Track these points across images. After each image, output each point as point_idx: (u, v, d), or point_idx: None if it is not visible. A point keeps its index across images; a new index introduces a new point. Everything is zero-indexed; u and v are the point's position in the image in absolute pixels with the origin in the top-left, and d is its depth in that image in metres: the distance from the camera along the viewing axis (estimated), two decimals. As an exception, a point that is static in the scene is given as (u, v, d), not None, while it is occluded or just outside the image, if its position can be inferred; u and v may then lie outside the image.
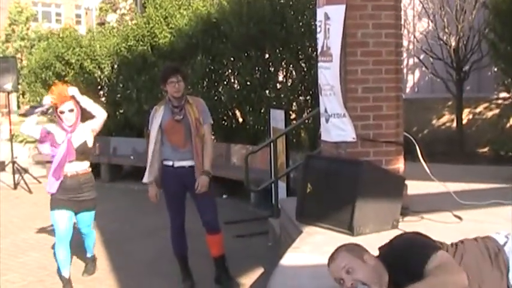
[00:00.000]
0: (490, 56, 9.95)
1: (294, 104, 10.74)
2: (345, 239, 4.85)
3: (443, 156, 9.43)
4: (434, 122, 11.82)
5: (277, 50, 10.81)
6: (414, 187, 5.90)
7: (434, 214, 5.62)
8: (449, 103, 11.50)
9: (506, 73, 9.22)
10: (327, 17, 5.60)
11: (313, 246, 4.69)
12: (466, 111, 11.33)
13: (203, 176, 5.54)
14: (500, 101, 11.37)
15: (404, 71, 11.81)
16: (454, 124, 11.28)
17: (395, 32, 5.75)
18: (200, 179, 5.54)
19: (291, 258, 4.43)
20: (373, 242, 4.78)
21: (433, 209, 5.75)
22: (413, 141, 5.78)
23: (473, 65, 10.73)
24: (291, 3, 10.74)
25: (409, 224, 5.27)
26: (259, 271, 6.14)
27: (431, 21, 11.09)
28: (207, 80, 11.38)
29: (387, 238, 4.85)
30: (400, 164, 5.74)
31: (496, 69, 10.91)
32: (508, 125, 11.27)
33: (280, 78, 11.04)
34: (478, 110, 11.59)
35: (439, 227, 5.30)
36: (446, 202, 5.91)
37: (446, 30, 10.79)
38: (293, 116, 10.42)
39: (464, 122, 11.19)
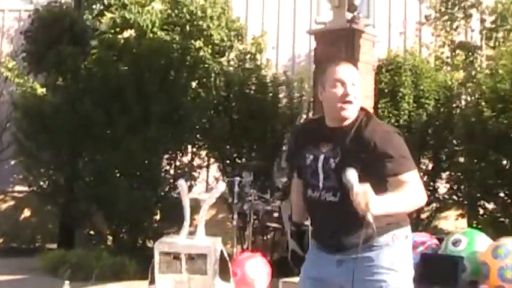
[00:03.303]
0: (13, 150, 10.61)
1: None
2: None
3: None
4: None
5: None
6: None
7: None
8: None
9: (27, 167, 10.01)
10: None
11: None
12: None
13: None
14: (16, 194, 12.06)
15: None
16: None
17: None
18: None
19: None
20: None
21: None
22: None
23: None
24: None
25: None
26: None
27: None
28: None
29: None
30: None
31: (13, 162, 11.60)
32: (23, 216, 11.99)
33: None
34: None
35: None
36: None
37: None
38: None
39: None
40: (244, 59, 10.50)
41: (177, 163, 9.56)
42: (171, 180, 9.38)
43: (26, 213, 12.03)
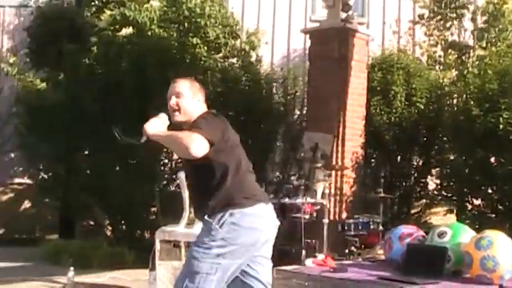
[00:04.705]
0: (14, 143, 10.96)
1: None
2: None
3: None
4: None
5: None
6: None
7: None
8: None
9: (29, 160, 10.37)
10: None
11: None
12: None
13: None
14: (16, 186, 12.42)
15: None
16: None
17: None
18: None
19: None
20: None
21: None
22: None
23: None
24: None
25: None
26: None
27: None
28: None
29: None
30: None
31: (13, 156, 11.97)
32: (22, 208, 12.35)
33: None
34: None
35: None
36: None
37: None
38: None
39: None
40: (239, 56, 10.79)
41: (175, 157, 9.87)
42: (171, 175, 9.72)
43: (26, 204, 12.39)
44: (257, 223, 3.55)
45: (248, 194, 3.58)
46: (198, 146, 3.30)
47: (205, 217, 3.49)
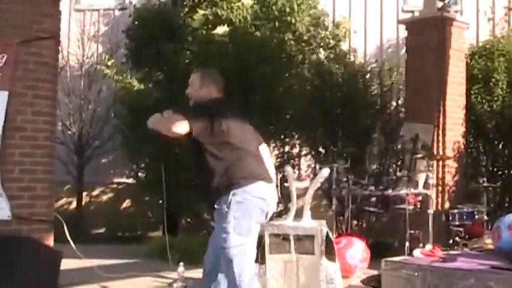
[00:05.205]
0: (114, 143, 11.36)
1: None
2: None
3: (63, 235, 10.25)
4: (52, 203, 12.67)
5: None
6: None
7: (84, 286, 6.60)
8: (68, 186, 12.51)
9: (132, 160, 10.72)
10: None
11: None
12: (83, 194, 12.48)
13: None
14: (115, 186, 12.87)
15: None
16: (73, 206, 12.34)
17: (51, 119, 6.63)
18: None
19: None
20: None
21: (80, 282, 6.71)
22: (62, 221, 6.65)
23: (94, 151, 12.06)
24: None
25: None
26: None
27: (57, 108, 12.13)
28: None
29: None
30: (51, 241, 6.53)
31: (112, 157, 12.41)
32: (123, 207, 12.77)
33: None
34: (95, 193, 12.89)
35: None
36: (90, 276, 6.95)
37: (70, 117, 11.95)
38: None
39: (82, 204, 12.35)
40: (329, 48, 10.77)
41: (276, 152, 9.97)
42: (276, 168, 9.79)
43: (126, 203, 12.79)
44: (259, 193, 3.95)
45: (246, 174, 3.94)
46: (177, 126, 3.98)
47: (215, 206, 3.97)
